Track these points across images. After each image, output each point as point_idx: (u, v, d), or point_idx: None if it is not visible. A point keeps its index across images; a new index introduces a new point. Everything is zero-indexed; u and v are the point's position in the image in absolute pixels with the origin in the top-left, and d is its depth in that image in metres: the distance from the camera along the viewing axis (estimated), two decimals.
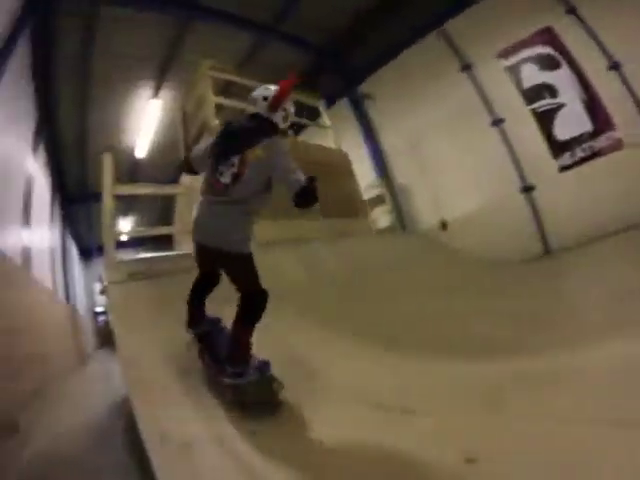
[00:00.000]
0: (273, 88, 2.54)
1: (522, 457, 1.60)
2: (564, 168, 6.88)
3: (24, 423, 4.46)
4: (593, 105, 6.53)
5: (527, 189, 7.27)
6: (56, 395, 6.37)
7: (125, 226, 19.24)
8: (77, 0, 7.44)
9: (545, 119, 7.01)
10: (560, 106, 6.85)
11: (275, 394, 2.40)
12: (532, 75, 7.09)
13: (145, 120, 11.52)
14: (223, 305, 2.77)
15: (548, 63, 6.92)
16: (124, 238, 15.76)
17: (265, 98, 2.52)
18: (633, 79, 6.19)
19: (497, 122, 7.53)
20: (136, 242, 17.49)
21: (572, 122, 6.73)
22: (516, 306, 3.74)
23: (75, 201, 15.58)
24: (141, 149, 13.08)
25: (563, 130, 6.84)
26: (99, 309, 21.06)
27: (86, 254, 20.65)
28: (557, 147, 6.90)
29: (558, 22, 6.79)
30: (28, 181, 8.58)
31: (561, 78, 6.80)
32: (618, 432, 1.54)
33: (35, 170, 9.45)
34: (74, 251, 18.61)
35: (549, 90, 6.94)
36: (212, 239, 2.41)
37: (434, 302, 4.20)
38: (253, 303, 2.43)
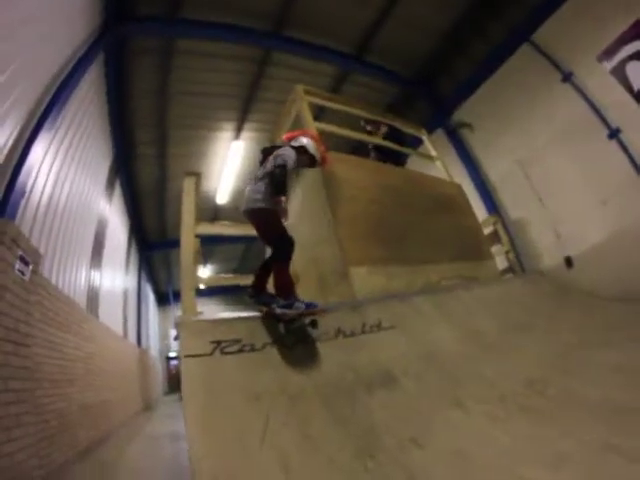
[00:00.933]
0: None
1: None
2: None
3: None
4: None
5: None
6: (107, 456, 5.42)
7: (203, 274, 19.21)
8: (153, 29, 7.26)
9: None
10: None
11: (314, 323, 2.92)
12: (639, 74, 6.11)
13: (226, 163, 11.07)
14: None
15: None
16: (201, 286, 15.49)
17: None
18: None
19: (614, 133, 6.39)
20: (213, 290, 17.32)
21: None
22: None
23: (154, 246, 15.58)
24: (223, 194, 12.53)
25: None
26: (172, 354, 21.10)
27: (163, 299, 20.85)
28: None
29: None
30: (101, 223, 8.32)
31: None
32: None
33: (110, 212, 9.30)
34: (151, 295, 18.82)
35: None
36: (245, 204, 3.14)
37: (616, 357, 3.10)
38: (281, 246, 3.01)
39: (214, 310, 18.06)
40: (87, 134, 6.77)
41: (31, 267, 3.81)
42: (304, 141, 3.41)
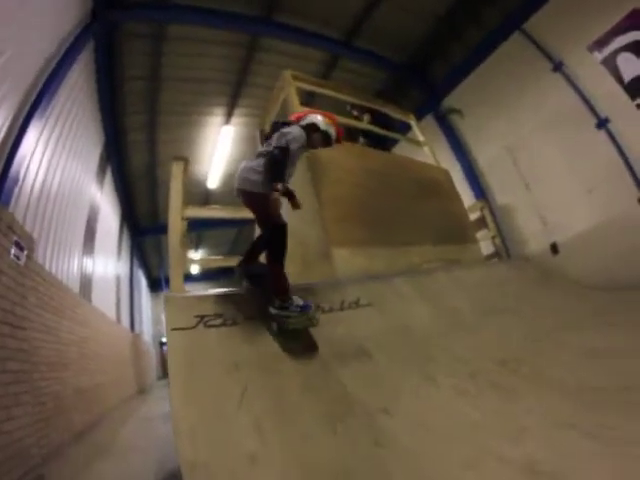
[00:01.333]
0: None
1: None
2: None
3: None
4: None
5: None
6: (102, 437, 5.57)
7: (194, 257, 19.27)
8: (143, 15, 7.19)
9: None
10: None
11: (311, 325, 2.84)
12: (631, 65, 6.09)
13: (217, 147, 11.07)
14: None
15: None
16: (193, 271, 16.02)
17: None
18: None
19: (602, 123, 6.48)
20: (203, 276, 17.34)
21: None
22: None
23: (145, 232, 15.55)
24: (213, 179, 12.57)
25: None
26: (165, 339, 21.06)
27: (155, 285, 20.90)
28: None
29: None
30: (93, 209, 8.35)
31: None
32: None
33: (101, 198, 9.35)
34: (143, 281, 18.85)
35: None
36: (237, 181, 2.96)
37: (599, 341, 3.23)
38: (274, 237, 2.85)
39: None
40: (77, 122, 6.77)
41: (26, 252, 3.91)
42: (318, 118, 3.09)
